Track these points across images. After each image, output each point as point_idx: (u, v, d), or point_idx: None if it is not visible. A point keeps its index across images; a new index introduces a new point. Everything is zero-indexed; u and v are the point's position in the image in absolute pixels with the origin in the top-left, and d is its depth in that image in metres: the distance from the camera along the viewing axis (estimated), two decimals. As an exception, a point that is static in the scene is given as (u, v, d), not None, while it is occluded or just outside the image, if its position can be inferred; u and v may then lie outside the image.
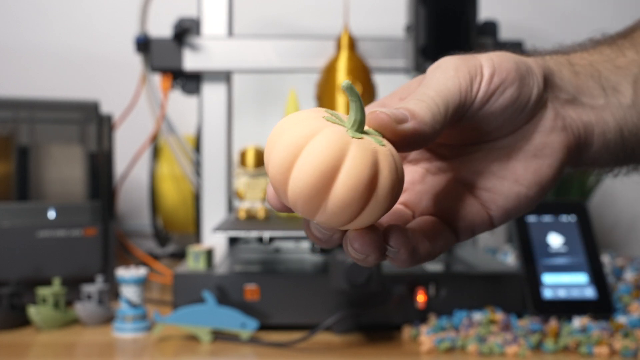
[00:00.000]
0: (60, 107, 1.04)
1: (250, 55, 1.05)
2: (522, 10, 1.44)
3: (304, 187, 0.31)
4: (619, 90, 0.43)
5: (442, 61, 0.39)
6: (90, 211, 0.98)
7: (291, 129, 0.32)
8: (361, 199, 0.31)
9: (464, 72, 0.38)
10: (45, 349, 0.79)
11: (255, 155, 1.00)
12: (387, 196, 0.32)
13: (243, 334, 0.80)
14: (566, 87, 0.42)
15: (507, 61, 0.39)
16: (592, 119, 0.42)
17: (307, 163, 0.30)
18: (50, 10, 1.45)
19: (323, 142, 0.31)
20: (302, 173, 0.30)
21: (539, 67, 0.40)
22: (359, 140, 0.32)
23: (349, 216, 0.32)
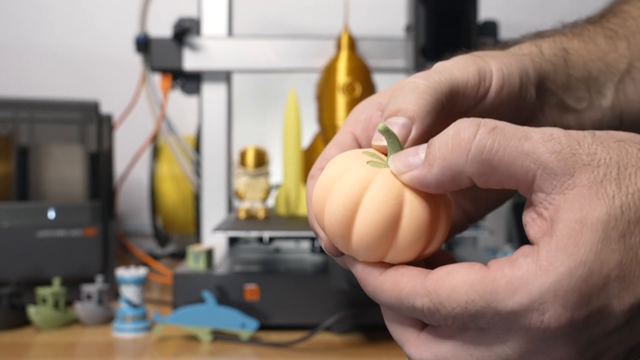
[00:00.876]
0: (60, 107, 1.04)
1: (250, 55, 1.05)
2: (522, 10, 1.44)
3: (370, 240, 0.32)
4: (603, 92, 0.44)
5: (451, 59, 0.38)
6: (90, 211, 0.98)
7: (342, 180, 0.32)
8: (425, 234, 0.32)
9: (473, 68, 0.37)
10: (45, 349, 0.79)
11: (255, 155, 1.00)
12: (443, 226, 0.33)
13: (243, 334, 0.80)
14: (556, 91, 0.42)
15: (513, 75, 0.38)
16: (571, 123, 0.43)
17: (369, 218, 0.31)
18: (50, 10, 1.45)
19: (380, 193, 0.31)
20: (367, 227, 0.31)
21: (535, 73, 0.40)
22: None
23: (416, 252, 0.33)
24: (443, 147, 0.31)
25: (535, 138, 0.30)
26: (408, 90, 0.35)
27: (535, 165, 0.30)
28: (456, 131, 0.31)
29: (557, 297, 0.29)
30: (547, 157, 0.30)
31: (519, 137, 0.30)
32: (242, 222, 0.95)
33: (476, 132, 0.30)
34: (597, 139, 0.31)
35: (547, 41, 0.44)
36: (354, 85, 0.95)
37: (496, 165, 0.30)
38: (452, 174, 0.31)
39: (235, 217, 1.01)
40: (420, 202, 0.32)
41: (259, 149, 1.01)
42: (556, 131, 0.31)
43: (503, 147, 0.30)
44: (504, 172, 0.30)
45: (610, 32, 0.47)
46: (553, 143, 0.30)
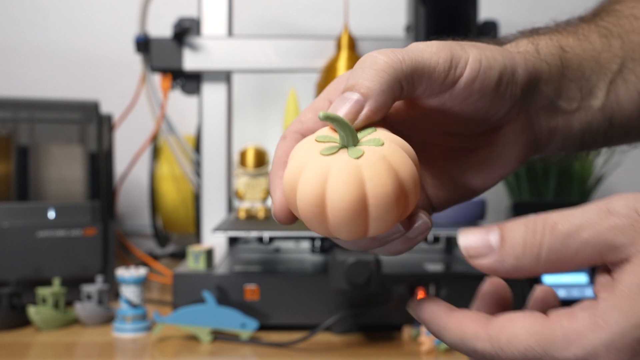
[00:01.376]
0: (60, 107, 1.04)
1: (250, 55, 1.05)
2: (522, 10, 1.44)
3: (346, 225, 0.32)
4: (594, 93, 0.43)
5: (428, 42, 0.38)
6: (90, 211, 0.98)
7: (303, 177, 0.33)
8: (394, 201, 0.32)
9: (446, 53, 0.36)
10: (45, 349, 0.79)
11: (255, 155, 1.00)
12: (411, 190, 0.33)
13: (243, 334, 0.80)
14: (547, 92, 0.41)
15: (493, 69, 0.37)
16: (559, 124, 0.42)
17: (337, 208, 0.32)
18: (50, 10, 1.45)
19: (340, 182, 0.32)
20: (338, 216, 0.32)
21: (526, 73, 0.39)
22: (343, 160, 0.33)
23: (394, 219, 0.33)
24: (516, 247, 0.32)
25: (592, 219, 0.31)
26: (367, 66, 0.35)
27: (598, 249, 0.31)
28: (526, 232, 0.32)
29: (610, 352, 0.30)
30: (609, 235, 0.31)
31: (577, 225, 0.31)
32: (242, 222, 0.95)
33: (543, 235, 0.32)
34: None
35: (544, 39, 0.43)
36: (354, 85, 0.95)
37: (564, 262, 0.32)
38: (524, 273, 0.32)
39: (235, 217, 1.01)
40: (379, 176, 0.32)
41: (259, 149, 1.01)
42: (611, 202, 0.32)
43: (566, 245, 0.31)
44: (573, 264, 0.32)
45: (605, 30, 0.46)
46: (612, 219, 0.31)
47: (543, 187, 1.23)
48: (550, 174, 1.22)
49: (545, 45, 0.42)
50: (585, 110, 0.43)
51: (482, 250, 0.33)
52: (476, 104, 0.38)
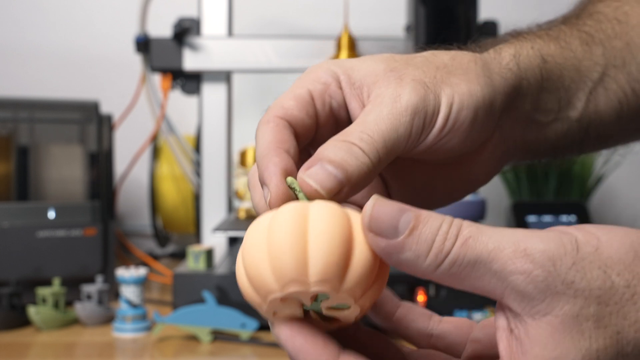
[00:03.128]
0: (60, 107, 1.04)
1: (250, 55, 1.05)
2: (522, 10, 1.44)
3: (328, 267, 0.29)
4: (573, 103, 0.42)
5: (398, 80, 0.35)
6: (90, 211, 0.98)
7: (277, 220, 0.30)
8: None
9: (418, 116, 0.34)
10: (45, 349, 0.79)
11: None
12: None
13: (243, 334, 0.80)
14: (525, 107, 0.40)
15: (468, 108, 0.35)
16: (534, 137, 0.41)
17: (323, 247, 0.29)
18: (50, 10, 1.45)
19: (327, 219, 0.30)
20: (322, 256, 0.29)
21: (504, 97, 0.38)
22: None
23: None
24: (421, 243, 0.29)
25: (506, 252, 0.28)
26: (345, 148, 0.32)
27: (502, 285, 0.28)
28: (438, 232, 0.29)
29: None
30: (516, 278, 0.27)
31: (489, 251, 0.28)
32: (242, 222, 0.95)
33: (452, 245, 0.28)
34: (578, 263, 0.28)
35: (526, 47, 0.41)
36: (354, 85, 0.95)
37: (463, 281, 0.29)
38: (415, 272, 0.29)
39: (235, 217, 1.01)
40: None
41: (259, 149, 1.01)
42: (532, 243, 0.28)
43: (472, 266, 0.28)
44: (471, 285, 0.29)
45: (587, 36, 0.45)
46: (524, 260, 0.27)
47: (543, 187, 1.23)
48: (550, 174, 1.22)
49: (527, 56, 0.41)
50: (562, 121, 0.42)
51: (386, 230, 0.29)
52: (449, 142, 0.36)
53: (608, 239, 0.28)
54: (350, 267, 0.29)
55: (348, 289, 0.29)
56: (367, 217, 0.29)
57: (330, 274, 0.29)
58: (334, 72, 0.37)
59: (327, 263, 0.29)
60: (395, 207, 0.29)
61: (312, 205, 0.30)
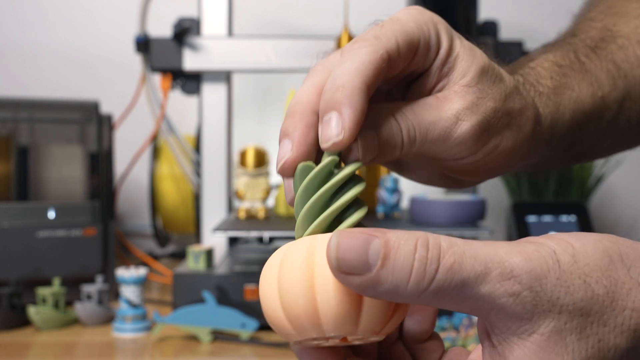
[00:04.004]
0: (60, 107, 1.04)
1: (250, 55, 1.05)
2: (522, 10, 1.44)
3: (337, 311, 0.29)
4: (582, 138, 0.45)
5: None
6: (90, 211, 0.98)
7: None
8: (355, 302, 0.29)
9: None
10: (45, 349, 0.79)
11: (255, 155, 1.00)
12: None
13: (243, 334, 0.80)
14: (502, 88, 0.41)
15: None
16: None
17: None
18: (50, 10, 1.45)
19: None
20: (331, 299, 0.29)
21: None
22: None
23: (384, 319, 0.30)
24: (398, 273, 0.27)
25: (494, 275, 0.27)
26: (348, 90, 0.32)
27: (489, 306, 0.28)
28: (415, 258, 0.27)
29: None
30: (504, 301, 0.27)
31: (477, 275, 0.27)
32: (242, 222, 0.95)
33: (436, 270, 0.27)
34: (561, 277, 0.28)
35: (566, 98, 0.44)
36: (354, 85, 0.95)
37: (449, 304, 0.28)
38: (397, 300, 0.28)
39: (235, 217, 1.01)
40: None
41: (259, 149, 1.01)
42: (517, 263, 0.27)
43: (457, 289, 0.27)
44: (455, 306, 0.28)
45: (614, 67, 0.47)
46: (512, 282, 0.27)
47: (543, 187, 1.23)
48: (550, 174, 1.22)
49: (563, 113, 0.43)
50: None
51: (356, 267, 0.27)
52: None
53: (582, 245, 0.29)
54: (363, 310, 0.29)
55: (365, 329, 0.29)
56: (333, 259, 0.27)
57: (343, 323, 0.29)
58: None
59: (338, 314, 0.28)
60: (360, 238, 0.27)
61: (318, 246, 0.29)
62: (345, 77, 0.32)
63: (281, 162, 0.33)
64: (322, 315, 0.28)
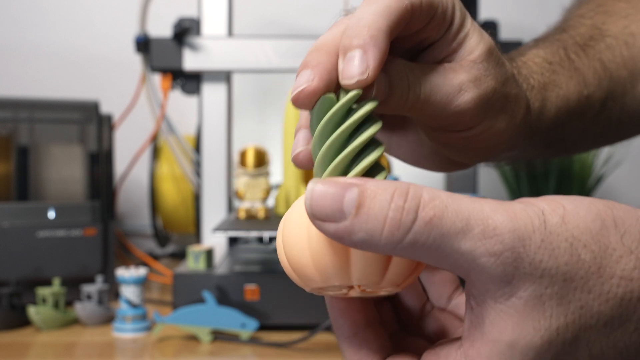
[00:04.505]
0: (60, 107, 1.04)
1: (250, 55, 1.05)
2: (522, 10, 1.44)
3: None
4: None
5: None
6: (90, 211, 0.98)
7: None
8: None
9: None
10: (45, 349, 0.79)
11: (255, 155, 1.00)
12: None
13: (243, 334, 0.80)
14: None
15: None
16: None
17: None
18: (50, 10, 1.45)
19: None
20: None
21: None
22: None
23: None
24: (373, 221, 0.26)
25: (475, 232, 0.26)
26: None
27: (469, 265, 0.26)
28: (391, 206, 0.26)
29: None
30: (484, 260, 0.26)
31: (457, 231, 0.26)
32: (242, 222, 0.95)
33: (413, 221, 0.26)
34: (546, 239, 0.26)
35: (553, 94, 0.44)
36: (354, 85, 0.94)
37: (426, 258, 0.27)
38: (374, 251, 0.27)
39: (235, 217, 1.01)
40: None
41: (259, 149, 1.01)
42: (501, 222, 0.26)
43: (437, 244, 0.26)
44: (435, 262, 0.27)
45: (600, 66, 0.48)
46: (494, 241, 0.26)
47: (543, 187, 1.23)
48: (550, 174, 1.22)
49: (551, 106, 0.44)
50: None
51: (331, 214, 0.26)
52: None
53: (574, 207, 0.28)
54: (391, 264, 0.29)
55: (389, 282, 0.29)
56: (309, 205, 0.27)
57: (372, 277, 0.29)
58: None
59: (368, 267, 0.29)
60: (338, 185, 0.26)
61: None
62: (371, 17, 0.32)
63: (299, 89, 0.32)
64: (353, 268, 0.29)
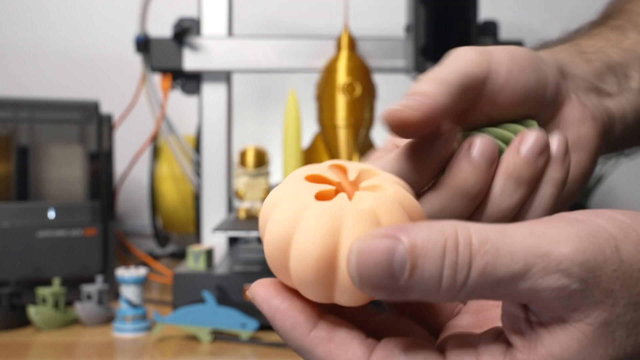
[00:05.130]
0: (60, 107, 1.04)
1: (250, 55, 1.05)
2: (522, 10, 1.44)
3: (306, 280, 0.27)
4: (629, 75, 0.42)
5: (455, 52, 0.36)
6: (90, 211, 0.98)
7: (277, 210, 0.28)
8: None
9: (481, 54, 0.35)
10: (45, 349, 0.79)
11: (255, 155, 1.00)
12: None
13: (243, 334, 0.80)
14: (584, 75, 0.40)
15: (521, 50, 0.36)
16: (611, 105, 0.41)
17: (300, 258, 0.27)
18: (50, 10, 1.45)
19: (312, 230, 0.27)
20: (300, 268, 0.27)
21: (552, 60, 0.38)
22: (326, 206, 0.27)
23: (365, 298, 0.28)
24: (427, 283, 0.24)
25: (535, 271, 0.24)
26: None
27: (529, 298, 0.25)
28: (444, 264, 0.24)
29: None
30: (546, 295, 0.25)
31: (514, 275, 0.24)
32: (242, 222, 0.95)
33: (467, 277, 0.24)
34: (620, 269, 0.25)
35: (559, 46, 0.43)
36: (354, 85, 0.95)
37: (483, 299, 0.26)
38: (431, 302, 0.26)
39: (235, 217, 1.01)
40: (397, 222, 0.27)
41: (259, 149, 1.01)
42: (566, 255, 0.24)
43: (493, 289, 0.25)
44: (494, 300, 0.26)
45: (616, 25, 0.46)
46: (558, 276, 0.24)
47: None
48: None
49: (562, 47, 0.42)
50: (628, 92, 0.42)
51: (381, 282, 0.24)
52: (520, 81, 0.35)
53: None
54: None
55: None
56: (356, 279, 0.25)
57: (359, 301, 0.28)
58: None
59: (355, 298, 0.27)
60: (383, 247, 0.24)
61: (347, 215, 0.27)
62: None
63: None
64: (338, 292, 0.27)
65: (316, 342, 0.28)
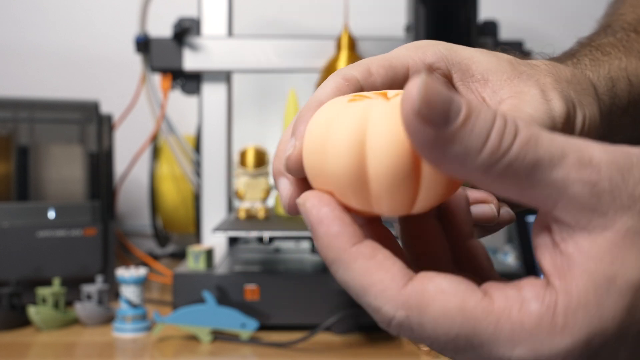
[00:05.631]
0: (60, 107, 1.04)
1: (250, 55, 1.05)
2: (522, 10, 1.44)
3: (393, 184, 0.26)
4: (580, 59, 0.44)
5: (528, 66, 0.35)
6: (90, 211, 0.98)
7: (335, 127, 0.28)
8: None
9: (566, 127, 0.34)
10: (45, 349, 0.79)
11: (255, 155, 1.00)
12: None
13: (243, 334, 0.80)
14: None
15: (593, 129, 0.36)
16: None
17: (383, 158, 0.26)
18: (50, 10, 1.45)
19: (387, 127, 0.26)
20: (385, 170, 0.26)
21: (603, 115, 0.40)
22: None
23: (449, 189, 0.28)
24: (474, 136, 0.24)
25: (570, 160, 0.24)
26: None
27: (559, 194, 0.25)
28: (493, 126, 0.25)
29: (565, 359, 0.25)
30: (578, 189, 0.24)
31: (551, 157, 0.24)
32: (242, 222, 0.95)
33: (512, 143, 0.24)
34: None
35: (617, 67, 0.43)
36: (354, 85, 0.94)
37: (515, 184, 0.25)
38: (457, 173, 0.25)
39: (235, 217, 1.01)
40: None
41: (259, 149, 1.01)
42: (598, 153, 0.25)
43: (529, 170, 0.24)
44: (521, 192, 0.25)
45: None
46: (590, 171, 0.24)
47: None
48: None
49: (618, 78, 0.43)
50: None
51: (437, 117, 0.24)
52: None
53: None
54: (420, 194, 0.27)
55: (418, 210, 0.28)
56: (417, 100, 0.23)
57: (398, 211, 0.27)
58: (444, 56, 0.37)
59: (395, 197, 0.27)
60: (446, 89, 0.24)
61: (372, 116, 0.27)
62: None
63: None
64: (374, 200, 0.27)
65: (357, 255, 0.27)
